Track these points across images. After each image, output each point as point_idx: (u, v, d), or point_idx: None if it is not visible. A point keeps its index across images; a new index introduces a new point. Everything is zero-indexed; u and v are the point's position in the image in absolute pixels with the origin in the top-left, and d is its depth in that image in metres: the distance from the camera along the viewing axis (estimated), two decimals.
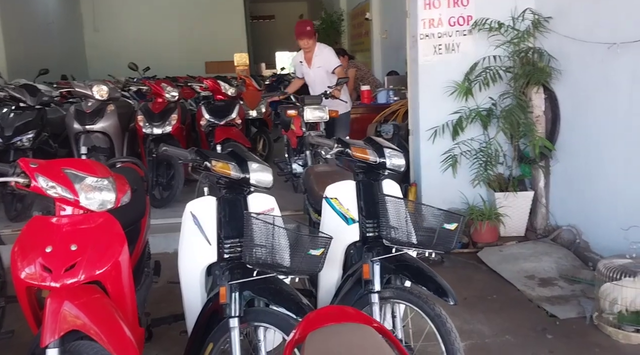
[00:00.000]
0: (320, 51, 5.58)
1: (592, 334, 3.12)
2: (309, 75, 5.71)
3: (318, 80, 5.61)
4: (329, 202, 2.60)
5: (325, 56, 5.57)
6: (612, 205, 3.85)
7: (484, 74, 4.58)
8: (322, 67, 5.53)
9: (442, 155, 4.89)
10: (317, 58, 5.57)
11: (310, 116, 4.44)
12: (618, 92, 3.73)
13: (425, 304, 2.30)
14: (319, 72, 5.58)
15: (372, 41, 10.47)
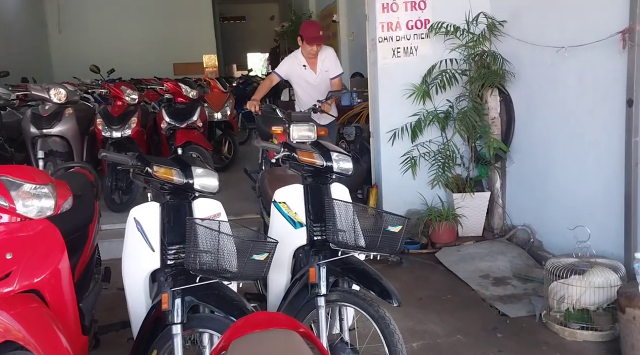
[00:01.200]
0: (325, 54, 4.91)
1: (540, 332, 3.19)
2: (310, 82, 4.97)
3: (323, 87, 4.90)
4: (277, 206, 2.61)
5: (331, 59, 4.94)
6: (563, 205, 3.94)
7: (441, 77, 4.64)
8: (328, 72, 4.92)
9: (402, 157, 4.94)
10: (324, 62, 4.91)
11: (297, 136, 4.00)
12: (567, 95, 3.83)
13: (370, 306, 2.32)
14: (324, 78, 4.95)
15: (340, 43, 10.51)
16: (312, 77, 4.94)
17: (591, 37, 3.42)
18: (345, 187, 2.72)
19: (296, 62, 4.93)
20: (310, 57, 4.86)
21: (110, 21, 14.69)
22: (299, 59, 4.92)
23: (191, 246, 2.13)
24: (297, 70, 4.93)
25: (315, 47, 4.74)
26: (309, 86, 4.97)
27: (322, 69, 4.91)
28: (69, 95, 5.29)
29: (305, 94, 5.02)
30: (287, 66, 4.97)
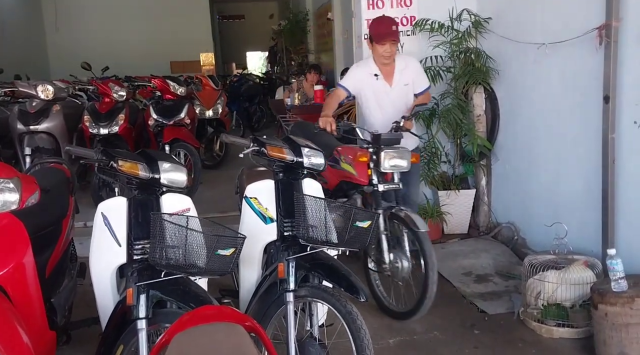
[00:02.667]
0: (406, 63, 3.84)
1: (517, 329, 3.18)
2: (382, 97, 3.83)
3: (398, 104, 3.81)
4: (248, 202, 2.61)
5: (413, 71, 3.86)
6: (546, 202, 3.93)
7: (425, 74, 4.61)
8: (409, 86, 3.83)
9: None
10: (403, 73, 3.81)
11: (388, 165, 3.24)
12: (549, 92, 3.82)
13: (337, 301, 2.32)
14: (402, 93, 3.83)
15: (334, 41, 10.50)
16: (385, 90, 3.81)
17: (570, 33, 3.41)
18: (318, 183, 2.71)
19: (366, 71, 3.81)
20: (383, 63, 3.75)
21: (107, 19, 14.71)
22: (369, 67, 3.81)
23: (156, 241, 2.13)
24: (367, 81, 3.80)
25: (389, 46, 3.64)
26: (381, 102, 3.84)
27: (400, 82, 3.80)
28: (56, 92, 5.30)
29: (375, 112, 3.88)
30: (356, 76, 3.85)
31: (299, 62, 13.02)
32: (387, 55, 3.68)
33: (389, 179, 3.42)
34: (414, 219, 3.17)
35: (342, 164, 3.54)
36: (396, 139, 3.39)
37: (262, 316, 2.44)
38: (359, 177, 3.42)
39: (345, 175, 3.54)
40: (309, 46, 13.34)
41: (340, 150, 3.61)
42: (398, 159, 3.29)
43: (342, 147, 3.64)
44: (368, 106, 3.90)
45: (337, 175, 3.64)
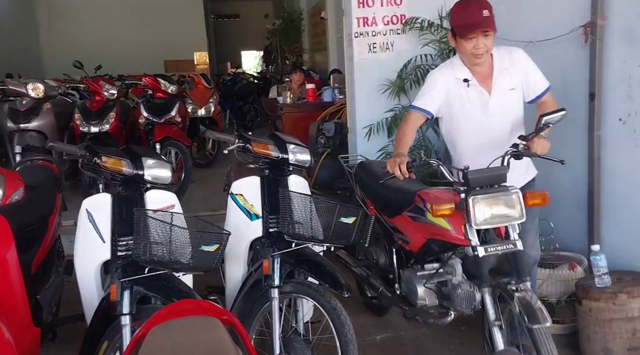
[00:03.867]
0: (510, 58, 2.68)
1: None
2: (477, 112, 2.66)
3: (501, 120, 2.67)
4: (234, 198, 2.62)
5: (523, 66, 2.69)
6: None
7: (415, 73, 4.64)
8: (516, 90, 2.67)
9: (378, 153, 4.94)
10: (506, 73, 2.65)
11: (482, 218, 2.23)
12: None
13: (322, 297, 2.33)
14: (507, 102, 2.67)
15: (328, 40, 10.53)
16: (481, 101, 2.64)
17: (557, 31, 3.43)
18: (304, 179, 2.73)
19: (451, 77, 2.67)
20: (475, 63, 2.60)
21: (101, 17, 14.67)
22: (455, 71, 2.67)
23: (140, 237, 2.14)
24: (455, 92, 2.65)
25: (480, 40, 2.49)
26: (476, 119, 2.66)
27: (502, 86, 2.63)
28: (47, 90, 5.30)
29: (468, 136, 2.71)
30: (437, 89, 2.67)
31: (293, 61, 13.04)
32: (479, 53, 2.50)
33: (501, 234, 2.34)
34: (531, 308, 2.12)
35: (428, 215, 2.42)
36: (496, 175, 2.26)
37: (247, 312, 2.45)
38: (456, 235, 2.33)
39: (435, 232, 2.44)
40: (303, 45, 13.36)
41: (424, 195, 2.50)
42: (499, 207, 2.22)
43: (427, 191, 2.55)
44: (458, 128, 2.70)
45: (424, 231, 2.54)
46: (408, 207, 2.62)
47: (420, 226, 2.57)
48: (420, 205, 2.53)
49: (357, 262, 3.33)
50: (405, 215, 2.66)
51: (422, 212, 2.51)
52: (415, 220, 2.57)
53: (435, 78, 2.72)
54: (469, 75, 2.65)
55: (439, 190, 2.57)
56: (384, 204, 2.95)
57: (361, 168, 3.32)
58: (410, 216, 2.60)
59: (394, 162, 2.40)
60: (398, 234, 2.79)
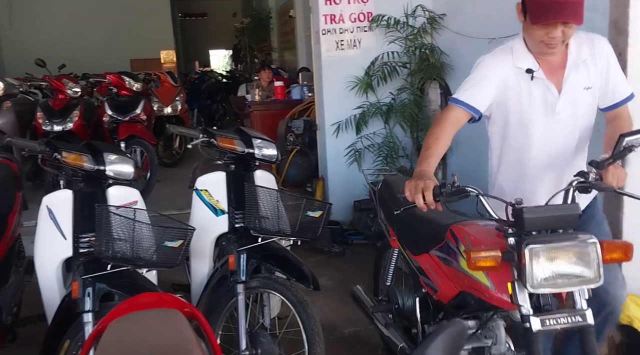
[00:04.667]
0: (592, 50, 2.06)
1: None
2: (539, 113, 2.05)
3: (565, 129, 2.07)
4: (199, 194, 2.60)
5: (606, 61, 2.07)
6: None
7: (382, 70, 4.68)
8: (593, 90, 2.06)
9: (347, 150, 4.96)
10: (583, 66, 2.04)
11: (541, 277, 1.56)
12: None
13: (288, 291, 2.33)
14: (581, 104, 2.06)
15: (297, 39, 10.52)
16: (548, 99, 2.03)
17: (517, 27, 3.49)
18: (271, 175, 2.72)
19: (509, 66, 2.04)
20: (545, 50, 1.99)
21: (64, 15, 14.34)
22: (516, 58, 2.05)
23: (102, 234, 2.10)
24: (513, 86, 2.04)
25: (559, 27, 1.88)
26: (540, 124, 2.06)
27: (575, 82, 2.02)
28: (6, 89, 5.16)
29: (527, 145, 2.09)
30: (489, 79, 2.03)
31: (262, 59, 12.99)
32: (553, 43, 1.91)
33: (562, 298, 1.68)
34: None
35: (462, 261, 1.77)
36: (564, 217, 1.62)
37: (213, 308, 2.43)
38: (498, 295, 1.67)
39: (469, 285, 1.78)
40: (272, 44, 13.32)
41: (458, 231, 1.84)
42: (567, 263, 1.57)
43: (461, 226, 1.86)
44: (513, 134, 2.07)
45: (456, 279, 1.87)
46: (436, 245, 1.95)
47: (451, 272, 1.87)
48: (452, 245, 1.83)
49: (376, 304, 2.66)
50: (433, 254, 1.99)
51: (454, 255, 1.82)
52: (446, 263, 1.89)
53: (487, 65, 2.02)
54: (534, 65, 1.97)
55: (478, 226, 1.84)
56: (406, 236, 2.29)
57: (385, 187, 2.59)
58: (440, 257, 1.92)
59: (416, 187, 1.69)
60: (424, 277, 2.09)
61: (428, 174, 1.78)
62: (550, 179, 2.01)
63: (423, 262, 2.10)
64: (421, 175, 1.77)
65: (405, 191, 1.74)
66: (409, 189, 1.72)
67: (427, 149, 1.90)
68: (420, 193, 1.68)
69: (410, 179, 1.75)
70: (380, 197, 2.62)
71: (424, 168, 1.81)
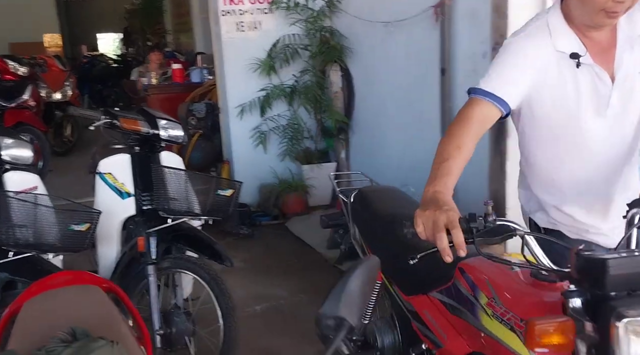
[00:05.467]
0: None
1: None
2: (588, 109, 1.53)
3: (622, 128, 1.57)
4: (103, 178, 2.52)
5: None
6: (396, 169, 4.24)
7: (284, 52, 4.74)
8: None
9: (252, 132, 4.99)
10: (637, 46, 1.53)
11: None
12: (396, 68, 4.10)
13: (201, 269, 2.36)
14: (638, 93, 1.54)
15: (193, 21, 10.28)
16: (599, 90, 1.52)
17: (412, 11, 3.69)
18: (178, 156, 2.70)
19: (548, 50, 1.51)
20: (603, 22, 1.46)
21: None
22: (556, 39, 1.51)
23: (2, 221, 2.01)
24: (552, 74, 1.51)
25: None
26: (585, 122, 1.54)
27: (630, 66, 1.53)
28: None
29: (564, 151, 1.59)
30: (524, 68, 1.51)
31: (156, 42, 12.53)
32: (618, 9, 1.41)
33: None
34: None
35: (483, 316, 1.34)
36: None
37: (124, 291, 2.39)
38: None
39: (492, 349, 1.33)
40: (166, 26, 12.88)
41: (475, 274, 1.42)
42: None
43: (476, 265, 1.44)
44: (552, 138, 1.60)
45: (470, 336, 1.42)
46: (440, 286, 1.51)
47: (462, 325, 1.41)
48: (464, 290, 1.39)
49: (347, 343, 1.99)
50: (433, 297, 1.54)
51: (468, 304, 1.37)
52: (455, 312, 1.43)
53: (522, 47, 1.52)
54: (580, 47, 1.49)
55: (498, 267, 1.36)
56: (395, 269, 1.75)
57: (360, 199, 2.11)
58: (445, 303, 1.47)
59: (435, 221, 1.17)
60: (420, 324, 1.62)
61: (446, 199, 1.23)
62: (597, 197, 1.56)
63: (419, 306, 1.60)
64: (437, 201, 1.21)
65: (416, 225, 1.19)
66: (423, 222, 1.18)
67: (444, 159, 1.35)
68: (442, 231, 1.14)
69: (422, 207, 1.22)
70: (355, 211, 2.11)
71: (439, 189, 1.26)
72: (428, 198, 1.26)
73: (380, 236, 1.83)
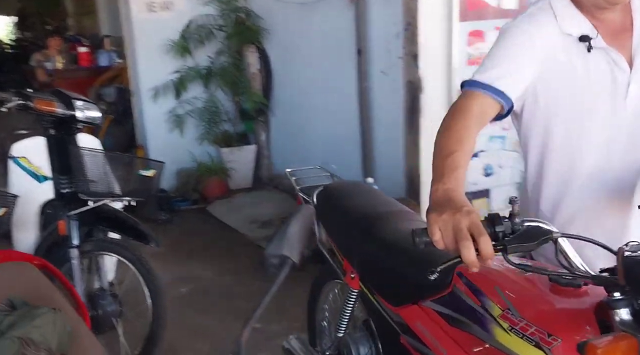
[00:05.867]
0: None
1: None
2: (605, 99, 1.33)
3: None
4: (17, 162, 2.42)
5: None
6: (318, 148, 4.35)
7: (198, 33, 4.67)
8: None
9: (167, 115, 4.89)
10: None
11: None
12: (313, 48, 4.18)
13: (126, 250, 2.33)
14: None
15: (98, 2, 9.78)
16: (616, 77, 1.32)
17: None
18: (95, 137, 2.63)
19: (553, 33, 1.32)
20: (605, 5, 1.30)
21: None
22: (562, 20, 1.32)
23: None
24: (560, 60, 1.32)
25: None
26: (600, 115, 1.35)
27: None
28: None
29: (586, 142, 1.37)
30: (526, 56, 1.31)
31: (55, 26, 11.81)
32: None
33: None
34: None
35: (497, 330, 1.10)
36: None
37: None
38: None
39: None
40: (67, 9, 12.16)
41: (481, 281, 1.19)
42: None
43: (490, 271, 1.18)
44: (562, 133, 1.38)
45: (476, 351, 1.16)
46: (435, 294, 1.31)
47: (464, 338, 1.20)
48: (468, 300, 1.20)
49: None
50: (427, 307, 1.34)
51: (473, 315, 1.17)
52: (455, 324, 1.23)
53: (523, 32, 1.34)
54: (591, 29, 1.32)
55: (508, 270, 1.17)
56: (377, 275, 1.59)
57: (326, 197, 1.86)
58: (442, 314, 1.28)
59: (456, 227, 0.97)
60: (413, 339, 1.37)
61: (462, 198, 1.05)
62: (613, 200, 1.38)
63: (410, 318, 1.39)
64: (453, 201, 1.02)
65: (431, 233, 0.99)
66: (441, 229, 0.99)
67: (448, 154, 1.17)
68: (468, 238, 0.95)
69: (435, 210, 1.01)
70: (321, 211, 1.86)
71: (450, 186, 1.08)
72: (440, 198, 1.05)
73: (355, 238, 1.60)
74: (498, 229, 0.99)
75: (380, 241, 1.49)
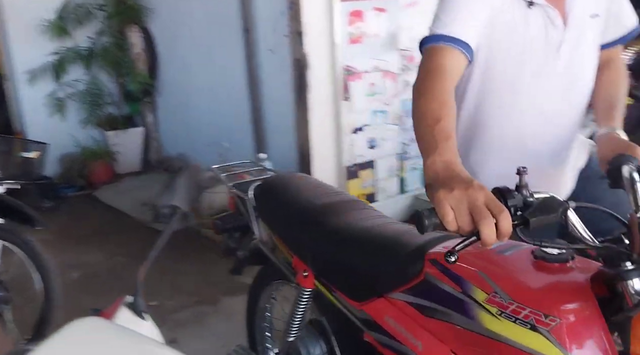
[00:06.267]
0: None
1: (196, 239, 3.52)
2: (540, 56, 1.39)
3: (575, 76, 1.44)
4: None
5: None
6: (208, 128, 4.34)
7: (77, 12, 4.47)
8: (598, 21, 1.44)
9: (46, 99, 4.66)
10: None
11: None
12: (198, 28, 4.15)
13: (11, 235, 2.25)
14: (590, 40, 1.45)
15: None
16: (550, 34, 1.38)
17: None
18: None
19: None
20: None
21: None
22: None
23: None
24: (505, 14, 1.35)
25: None
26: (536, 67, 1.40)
27: (581, 9, 1.40)
28: None
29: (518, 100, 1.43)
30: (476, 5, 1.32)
31: None
32: None
33: None
34: None
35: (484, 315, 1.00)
36: None
37: None
38: None
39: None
40: None
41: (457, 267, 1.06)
42: None
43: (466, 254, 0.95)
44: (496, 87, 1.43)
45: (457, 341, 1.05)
46: (404, 284, 1.19)
47: (442, 328, 1.09)
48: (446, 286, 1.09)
49: None
50: (396, 299, 1.21)
51: (450, 302, 1.07)
52: (430, 314, 1.12)
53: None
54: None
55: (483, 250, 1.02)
56: (335, 270, 1.45)
57: (266, 193, 1.69)
58: (413, 304, 1.16)
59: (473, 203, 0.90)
60: (381, 335, 1.24)
61: (466, 172, 0.98)
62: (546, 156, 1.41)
63: (377, 312, 1.27)
64: (459, 176, 0.96)
65: (443, 213, 0.90)
66: (453, 206, 0.90)
67: (435, 121, 1.10)
68: (488, 216, 0.88)
69: (442, 186, 0.93)
70: (261, 207, 1.68)
71: (449, 159, 1.01)
72: (441, 172, 0.97)
73: (307, 233, 1.48)
74: (510, 202, 0.91)
75: (336, 234, 1.36)
